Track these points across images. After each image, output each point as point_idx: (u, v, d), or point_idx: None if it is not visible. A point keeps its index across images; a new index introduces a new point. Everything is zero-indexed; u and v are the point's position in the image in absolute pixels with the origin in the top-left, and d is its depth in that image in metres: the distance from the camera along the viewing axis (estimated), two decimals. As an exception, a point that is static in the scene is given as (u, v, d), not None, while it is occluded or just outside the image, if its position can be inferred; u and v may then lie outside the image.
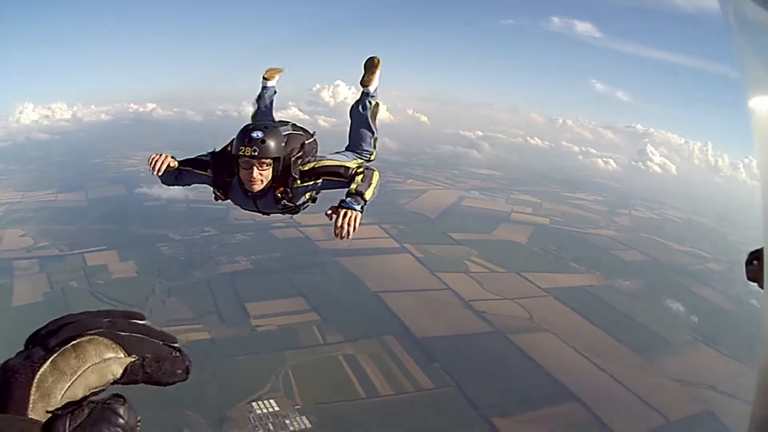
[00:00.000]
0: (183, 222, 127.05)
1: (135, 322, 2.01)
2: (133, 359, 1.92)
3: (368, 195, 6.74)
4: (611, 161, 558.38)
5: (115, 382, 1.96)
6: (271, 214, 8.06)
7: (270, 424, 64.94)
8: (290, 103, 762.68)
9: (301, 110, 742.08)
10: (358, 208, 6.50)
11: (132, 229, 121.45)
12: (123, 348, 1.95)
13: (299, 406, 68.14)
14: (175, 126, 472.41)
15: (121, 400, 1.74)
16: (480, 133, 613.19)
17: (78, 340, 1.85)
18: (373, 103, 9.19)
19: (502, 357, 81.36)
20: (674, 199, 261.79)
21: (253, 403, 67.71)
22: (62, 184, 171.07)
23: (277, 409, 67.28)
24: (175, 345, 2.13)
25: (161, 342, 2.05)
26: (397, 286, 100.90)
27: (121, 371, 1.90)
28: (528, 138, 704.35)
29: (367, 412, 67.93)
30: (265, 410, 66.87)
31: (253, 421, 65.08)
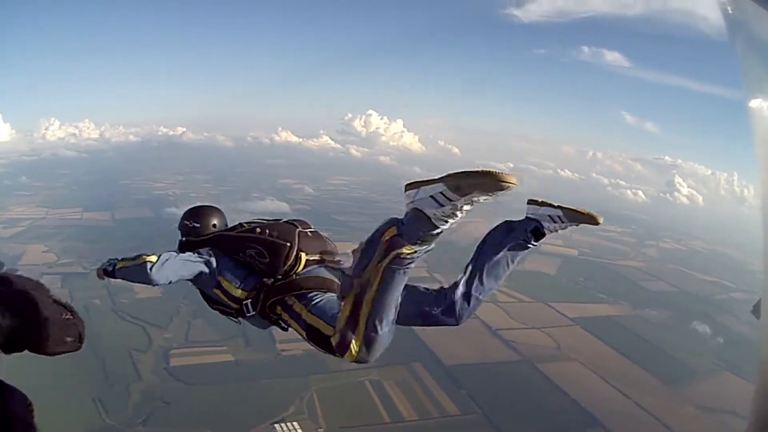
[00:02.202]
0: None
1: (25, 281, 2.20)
2: (10, 321, 1.94)
3: None
4: (640, 193, 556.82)
5: None
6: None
7: (292, 446, 64.21)
8: (321, 132, 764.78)
9: (333, 139, 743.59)
10: None
11: (158, 250, 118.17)
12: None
13: (322, 429, 67.93)
14: (206, 150, 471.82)
15: None
16: (511, 165, 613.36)
17: None
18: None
19: (530, 385, 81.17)
20: (700, 231, 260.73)
21: (276, 425, 67.20)
22: (89, 203, 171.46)
23: (299, 431, 66.84)
24: (68, 308, 2.34)
25: (52, 301, 2.25)
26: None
27: None
28: (558, 170, 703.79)
29: (391, 436, 67.21)
30: None
31: None
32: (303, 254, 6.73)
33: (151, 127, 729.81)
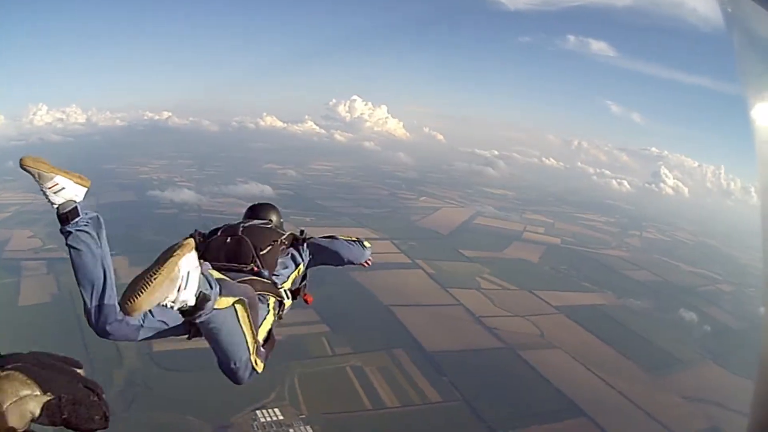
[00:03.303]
0: (194, 230, 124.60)
1: (58, 360, 2.07)
2: (50, 398, 1.98)
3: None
4: (625, 183, 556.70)
5: (33, 421, 2.01)
6: None
7: (273, 433, 64.59)
8: (306, 117, 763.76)
9: (317, 124, 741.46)
10: None
11: (143, 235, 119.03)
12: (39, 385, 2.00)
13: (304, 416, 67.78)
14: (191, 135, 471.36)
15: None
16: (496, 152, 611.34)
17: None
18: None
19: (512, 372, 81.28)
20: (686, 222, 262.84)
21: (258, 412, 67.23)
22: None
23: (281, 417, 66.71)
24: (96, 390, 2.15)
25: (82, 385, 2.10)
26: (409, 301, 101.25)
27: (38, 410, 1.96)
28: (543, 158, 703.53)
29: (372, 424, 67.80)
30: (269, 418, 66.34)
31: (256, 429, 64.66)
32: None
33: (137, 112, 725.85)
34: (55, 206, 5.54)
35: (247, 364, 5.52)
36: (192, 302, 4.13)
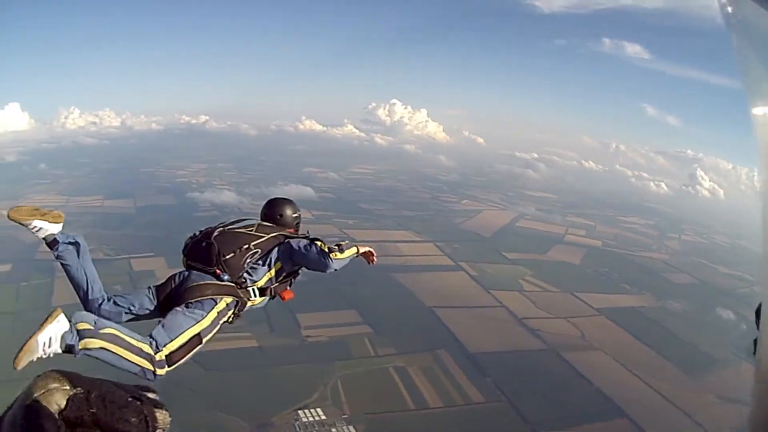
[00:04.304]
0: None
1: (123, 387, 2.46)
2: (76, 391, 2.19)
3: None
4: (663, 185, 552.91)
5: (61, 415, 2.31)
6: None
7: (315, 432, 64.43)
8: (346, 120, 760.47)
9: (357, 128, 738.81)
10: None
11: (181, 238, 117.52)
12: (69, 380, 2.23)
13: (346, 416, 67.50)
14: (229, 139, 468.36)
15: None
16: (536, 155, 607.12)
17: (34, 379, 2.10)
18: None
19: (554, 373, 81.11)
20: (722, 224, 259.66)
21: (299, 411, 67.08)
22: (110, 191, 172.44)
23: (323, 417, 66.42)
24: (141, 398, 2.59)
25: (124, 391, 2.50)
26: (452, 302, 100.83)
27: (64, 401, 2.17)
28: (582, 161, 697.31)
29: (415, 424, 67.60)
30: (311, 418, 66.13)
31: (297, 429, 64.48)
32: None
33: (173, 116, 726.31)
34: (41, 239, 6.71)
35: (144, 372, 6.36)
36: (60, 351, 5.68)
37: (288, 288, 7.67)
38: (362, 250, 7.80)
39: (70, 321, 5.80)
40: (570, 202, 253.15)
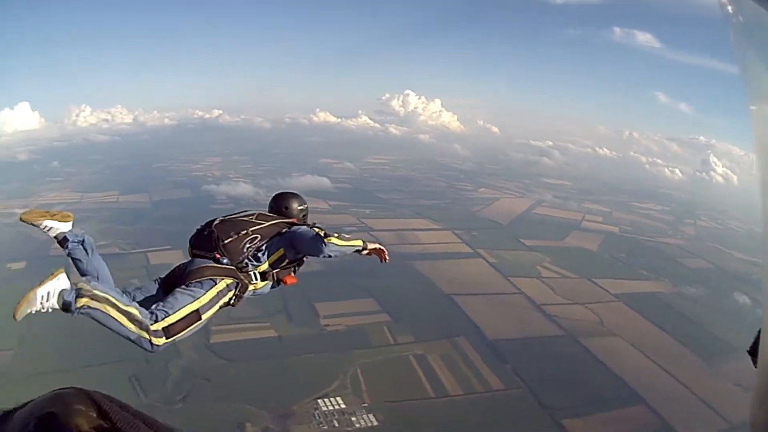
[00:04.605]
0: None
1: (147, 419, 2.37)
2: (102, 424, 2.13)
3: None
4: (677, 171, 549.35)
5: None
6: None
7: (335, 421, 64.21)
8: (360, 112, 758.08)
9: (371, 119, 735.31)
10: None
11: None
12: (97, 407, 2.16)
13: (366, 404, 67.55)
14: (243, 132, 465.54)
15: None
16: (550, 143, 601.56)
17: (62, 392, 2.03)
18: None
19: (573, 360, 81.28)
20: (736, 210, 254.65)
21: (319, 400, 67.14)
22: (124, 186, 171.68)
23: (343, 406, 66.55)
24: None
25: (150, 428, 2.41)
26: (470, 290, 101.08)
27: (86, 427, 2.10)
28: (596, 148, 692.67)
29: (435, 412, 67.39)
30: (331, 407, 66.15)
31: (317, 418, 64.52)
32: None
33: (186, 111, 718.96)
34: (52, 238, 7.31)
35: (140, 340, 6.55)
36: (58, 307, 6.16)
37: (291, 274, 8.09)
38: (371, 246, 7.95)
39: (70, 281, 6.26)
40: (585, 188, 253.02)
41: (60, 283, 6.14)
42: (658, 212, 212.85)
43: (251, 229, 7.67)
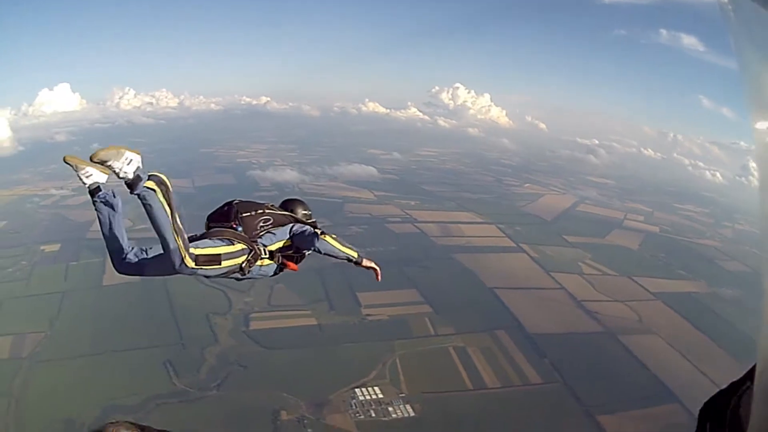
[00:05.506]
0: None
1: None
2: None
3: None
4: (718, 174, 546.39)
5: None
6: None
7: (372, 411, 64.21)
8: (409, 103, 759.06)
9: (420, 111, 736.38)
10: None
11: None
12: None
13: (404, 395, 67.58)
14: (291, 120, 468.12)
15: None
16: (596, 141, 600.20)
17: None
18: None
19: (610, 356, 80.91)
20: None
21: (357, 390, 67.33)
22: (167, 171, 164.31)
23: (381, 396, 66.69)
24: None
25: None
26: (512, 284, 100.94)
27: None
28: (642, 149, 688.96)
29: (472, 404, 67.28)
30: (368, 397, 66.28)
31: (354, 407, 64.58)
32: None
33: (233, 97, 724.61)
34: (86, 186, 7.36)
35: (176, 251, 7.01)
36: (131, 176, 6.47)
37: (295, 262, 8.48)
38: (367, 263, 8.21)
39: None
40: (629, 188, 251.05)
41: (138, 160, 6.59)
42: (698, 214, 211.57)
43: (267, 210, 8.31)
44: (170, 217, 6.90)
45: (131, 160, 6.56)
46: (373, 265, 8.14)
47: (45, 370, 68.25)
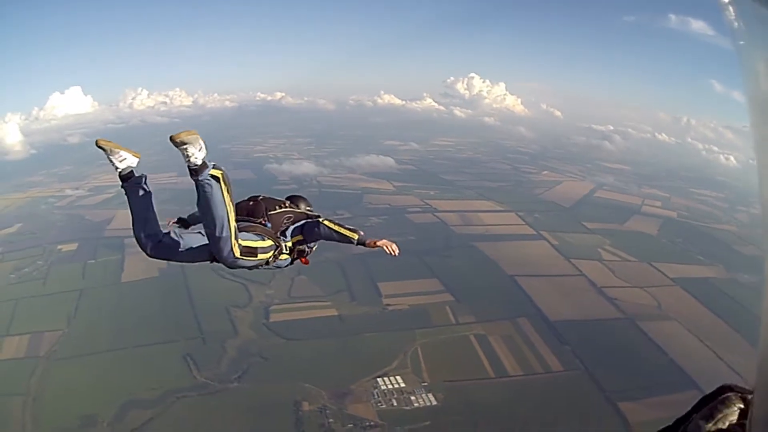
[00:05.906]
0: (315, 205, 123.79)
1: None
2: None
3: None
4: (732, 158, 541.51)
5: None
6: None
7: (394, 400, 64.72)
8: (425, 94, 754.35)
9: (436, 101, 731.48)
10: None
11: None
12: None
13: (426, 384, 67.90)
14: (307, 114, 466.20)
15: None
16: (611, 128, 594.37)
17: None
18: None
19: (631, 343, 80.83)
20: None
21: (378, 379, 67.90)
22: (183, 168, 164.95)
23: (403, 385, 67.14)
24: None
25: None
26: (533, 271, 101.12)
27: None
28: (656, 134, 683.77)
29: (494, 392, 67.63)
30: (390, 386, 66.85)
31: (376, 396, 65.11)
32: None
33: (248, 93, 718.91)
34: (119, 170, 8.00)
35: (227, 239, 7.45)
36: (200, 162, 7.20)
37: (305, 257, 9.09)
38: (375, 243, 8.61)
39: None
40: (645, 173, 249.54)
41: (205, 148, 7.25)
42: (714, 198, 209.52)
43: (288, 208, 8.99)
44: (227, 206, 7.39)
45: (202, 147, 7.21)
46: (381, 243, 8.52)
47: (62, 368, 69.14)
